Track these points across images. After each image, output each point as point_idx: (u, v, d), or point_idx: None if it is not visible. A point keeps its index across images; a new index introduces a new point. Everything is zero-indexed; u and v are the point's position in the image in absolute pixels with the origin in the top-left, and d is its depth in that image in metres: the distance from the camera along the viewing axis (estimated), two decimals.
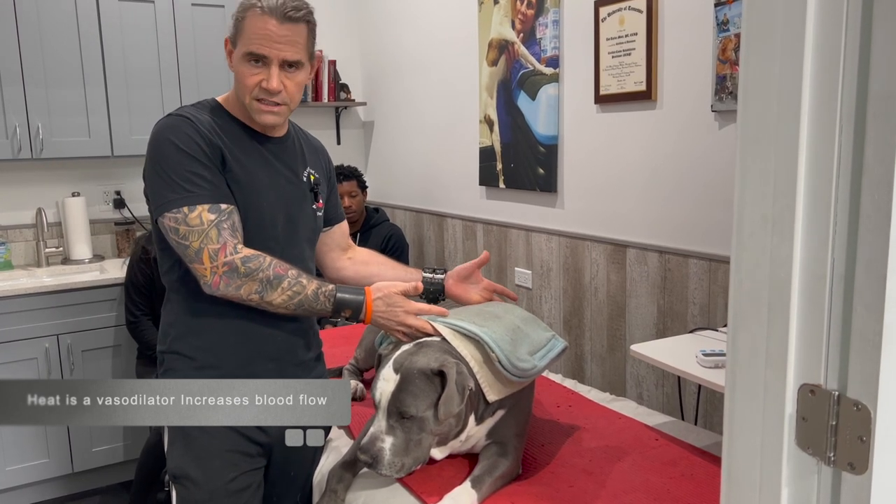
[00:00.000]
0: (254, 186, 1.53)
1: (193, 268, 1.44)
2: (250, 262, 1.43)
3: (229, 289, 1.43)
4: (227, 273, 1.41)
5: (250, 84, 1.50)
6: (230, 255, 1.41)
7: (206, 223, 1.41)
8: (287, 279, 1.45)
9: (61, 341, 3.12)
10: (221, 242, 1.42)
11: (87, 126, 3.30)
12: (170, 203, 1.42)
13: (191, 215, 1.41)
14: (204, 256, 1.41)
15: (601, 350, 2.79)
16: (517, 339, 1.63)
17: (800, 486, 0.92)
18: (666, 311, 2.50)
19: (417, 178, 3.90)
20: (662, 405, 2.52)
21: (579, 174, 2.81)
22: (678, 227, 2.43)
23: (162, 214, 1.43)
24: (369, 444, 1.46)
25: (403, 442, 1.46)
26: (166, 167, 1.43)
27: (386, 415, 1.48)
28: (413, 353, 1.53)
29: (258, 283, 1.43)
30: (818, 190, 0.86)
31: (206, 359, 1.54)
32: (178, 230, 1.42)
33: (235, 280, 1.42)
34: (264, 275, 1.43)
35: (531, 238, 3.10)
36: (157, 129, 1.48)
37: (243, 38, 1.50)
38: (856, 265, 0.83)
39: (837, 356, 0.86)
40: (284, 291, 1.45)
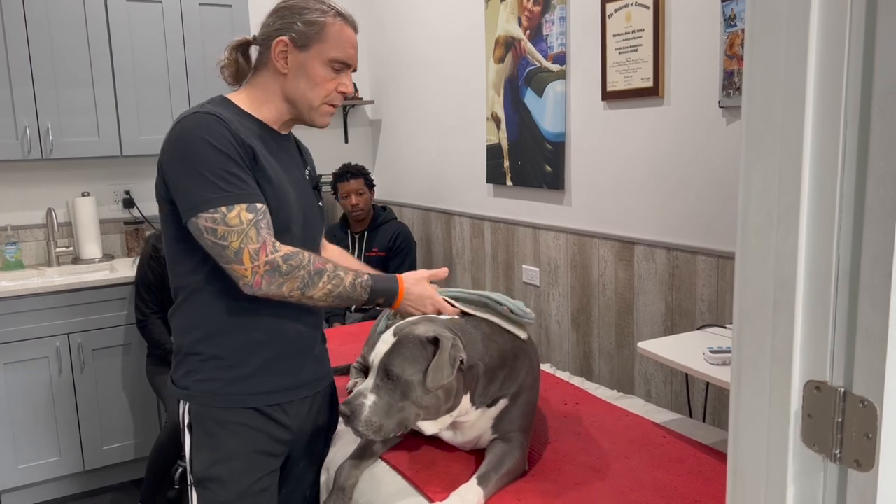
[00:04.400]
0: (281, 185, 1.52)
1: (231, 268, 1.41)
2: (291, 260, 1.42)
3: (271, 287, 1.42)
4: (268, 272, 1.40)
5: (329, 88, 1.54)
6: (271, 254, 1.40)
7: (245, 223, 1.39)
8: (326, 273, 1.46)
9: (72, 340, 3.14)
10: (261, 241, 1.40)
11: (96, 126, 3.32)
12: (207, 203, 1.39)
13: (229, 215, 1.38)
14: (244, 257, 1.39)
15: (609, 347, 2.79)
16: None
17: (805, 483, 0.92)
18: (674, 308, 2.49)
19: (425, 177, 3.90)
20: (671, 402, 2.52)
21: (587, 171, 2.81)
22: (686, 223, 2.42)
23: (196, 214, 1.40)
24: (352, 397, 1.48)
25: (386, 404, 1.47)
26: (201, 166, 1.39)
27: (375, 373, 1.50)
28: (415, 323, 1.56)
29: (300, 280, 1.43)
30: (823, 186, 0.86)
31: (236, 358, 1.52)
32: (215, 231, 1.39)
33: (277, 279, 1.41)
34: (305, 271, 1.43)
35: (539, 235, 3.09)
36: (185, 127, 1.43)
37: (326, 44, 1.52)
38: (861, 261, 0.83)
39: (843, 353, 0.86)
40: (325, 286, 1.45)
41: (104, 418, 3.26)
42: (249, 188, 1.43)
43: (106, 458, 3.28)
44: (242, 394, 1.53)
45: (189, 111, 1.47)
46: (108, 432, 3.27)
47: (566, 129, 2.85)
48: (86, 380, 3.20)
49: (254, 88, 1.57)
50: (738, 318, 1.02)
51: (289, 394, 1.60)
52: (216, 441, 1.52)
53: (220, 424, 1.52)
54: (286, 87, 1.54)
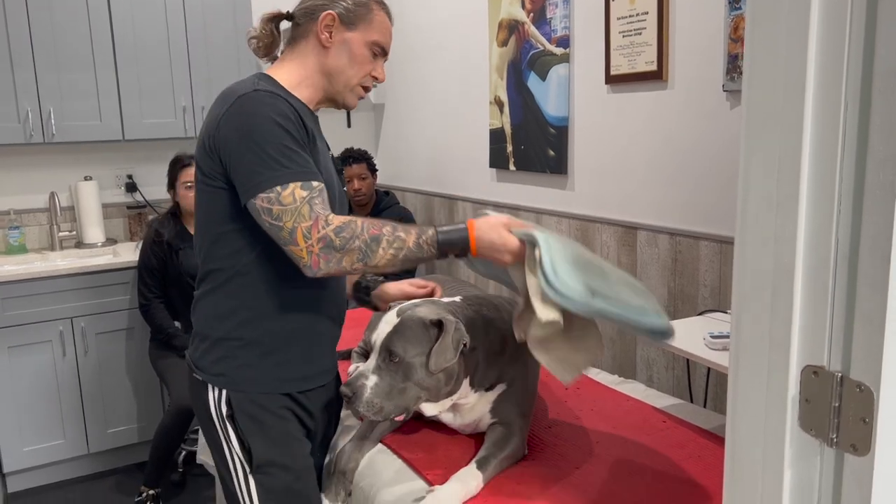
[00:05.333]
0: (327, 168, 1.51)
1: (290, 251, 1.36)
2: (344, 232, 1.35)
3: (330, 265, 1.36)
4: (323, 250, 1.34)
5: (367, 69, 1.55)
6: (322, 230, 1.34)
7: (298, 200, 1.34)
8: (385, 237, 1.38)
9: (75, 324, 3.16)
10: (313, 217, 1.35)
11: (98, 110, 3.32)
12: (262, 183, 1.35)
13: (283, 193, 1.34)
14: (298, 236, 1.34)
15: (612, 333, 2.79)
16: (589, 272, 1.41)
17: (802, 467, 0.92)
18: (677, 293, 2.49)
19: (428, 161, 3.89)
20: (672, 388, 2.52)
21: (590, 156, 2.80)
22: (689, 208, 2.42)
23: (255, 195, 1.36)
24: (353, 378, 1.48)
25: (387, 385, 1.48)
26: (265, 143, 1.35)
27: (377, 354, 1.50)
28: (418, 305, 1.56)
29: (357, 251, 1.36)
30: (823, 171, 0.85)
31: (276, 344, 1.50)
32: (271, 211, 1.35)
33: (334, 254, 1.35)
34: (360, 241, 1.35)
35: (542, 221, 3.09)
36: (248, 104, 1.39)
37: (373, 29, 1.54)
38: (860, 246, 0.82)
39: (841, 338, 0.85)
40: (386, 251, 1.37)
41: (108, 402, 3.28)
42: (308, 166, 1.39)
43: (110, 441, 3.30)
44: (280, 379, 1.51)
45: (244, 89, 1.42)
46: (112, 415, 3.29)
47: (569, 113, 2.84)
48: (89, 363, 3.22)
49: (292, 63, 1.54)
50: (736, 303, 1.02)
51: (315, 380, 1.58)
52: (266, 426, 1.50)
53: (264, 409, 1.50)
54: (327, 62, 1.52)
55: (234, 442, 1.51)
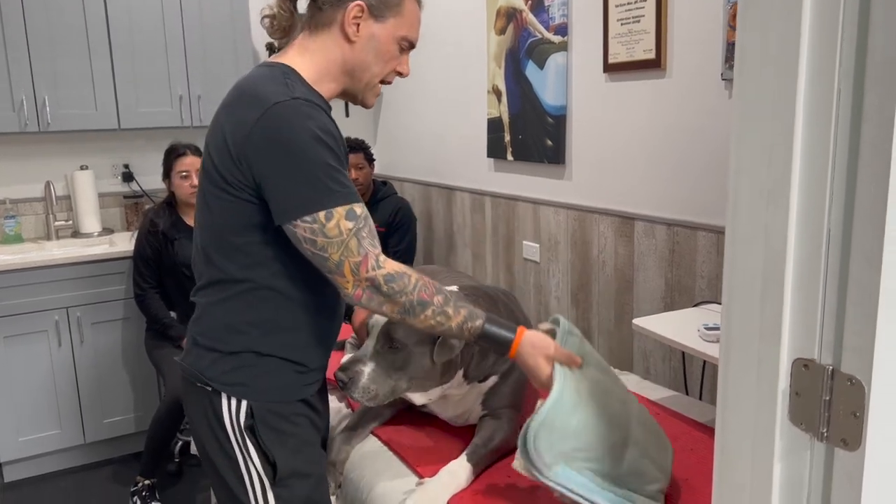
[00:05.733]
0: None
1: (334, 279, 1.30)
2: (394, 283, 1.29)
3: (371, 303, 1.31)
4: (369, 288, 1.29)
5: (393, 65, 1.45)
6: (372, 271, 1.27)
7: (344, 233, 1.25)
8: (432, 307, 1.33)
9: (71, 314, 3.15)
10: (362, 254, 1.26)
11: (93, 98, 3.30)
12: (303, 206, 1.25)
13: (328, 224, 1.24)
14: (346, 269, 1.27)
15: (608, 324, 2.77)
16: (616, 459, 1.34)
17: (792, 461, 0.91)
18: (674, 284, 2.47)
19: (426, 151, 3.87)
20: (669, 380, 2.51)
21: (587, 145, 2.77)
22: (687, 198, 2.39)
23: (294, 220, 1.26)
24: (350, 363, 1.46)
25: (384, 371, 1.47)
26: (305, 161, 1.24)
27: (375, 340, 1.48)
28: None
29: (400, 306, 1.31)
30: (815, 159, 0.83)
31: (299, 354, 1.42)
32: (315, 242, 1.26)
33: (377, 297, 1.29)
34: (407, 299, 1.30)
35: (539, 211, 3.07)
36: (290, 117, 1.26)
37: (403, 22, 1.41)
38: (852, 237, 0.81)
39: (832, 330, 0.84)
40: (427, 320, 1.33)
41: (104, 392, 3.27)
42: (350, 187, 1.29)
43: (106, 431, 3.30)
44: (297, 385, 1.44)
45: (279, 94, 1.28)
46: (108, 405, 3.29)
47: (567, 102, 2.81)
48: (85, 353, 3.21)
49: (314, 56, 1.39)
50: (727, 295, 1.00)
51: (320, 380, 1.52)
52: (285, 436, 1.42)
53: (282, 418, 1.42)
54: (351, 57, 1.39)
55: (254, 455, 1.40)
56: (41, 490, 3.12)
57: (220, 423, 1.39)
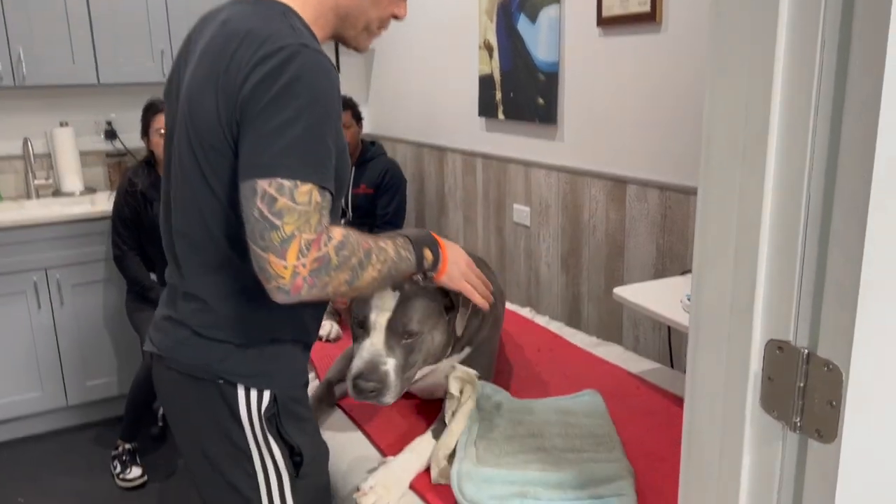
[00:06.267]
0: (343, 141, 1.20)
1: (267, 259, 1.06)
2: (344, 249, 1.11)
3: (313, 291, 1.09)
4: (315, 272, 1.08)
5: (390, 10, 1.32)
6: (324, 247, 1.09)
7: (313, 205, 1.07)
8: (374, 252, 1.17)
9: (50, 275, 3.08)
10: (318, 232, 1.08)
11: (70, 52, 3.18)
12: (292, 169, 1.06)
13: (301, 189, 1.06)
14: (291, 249, 1.05)
15: (598, 291, 2.68)
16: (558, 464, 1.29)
17: (763, 452, 0.83)
18: (665, 250, 2.37)
19: (418, 110, 3.74)
20: (658, 349, 2.42)
21: (580, 104, 2.65)
22: (680, 160, 2.28)
23: (268, 176, 1.06)
24: (371, 367, 1.31)
25: (403, 363, 1.37)
26: (306, 123, 1.07)
27: (385, 334, 1.35)
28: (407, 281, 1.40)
29: (350, 270, 1.13)
30: (794, 117, 0.74)
31: (306, 334, 1.32)
32: (275, 202, 1.05)
33: (323, 277, 1.09)
34: (357, 259, 1.13)
35: (530, 173, 2.96)
36: (306, 68, 1.09)
37: None
38: (834, 204, 0.71)
39: (809, 309, 0.75)
40: (374, 266, 1.16)
41: (86, 354, 3.22)
42: (331, 170, 1.12)
43: (89, 393, 3.25)
44: (304, 369, 1.34)
45: (285, 37, 1.11)
46: (90, 368, 3.23)
47: (560, 58, 2.68)
48: (66, 315, 3.14)
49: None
50: (697, 265, 0.91)
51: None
52: (303, 422, 1.31)
53: (299, 403, 1.32)
54: (345, 2, 1.25)
55: (275, 448, 1.27)
56: (23, 453, 3.09)
57: (235, 417, 1.23)
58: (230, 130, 1.12)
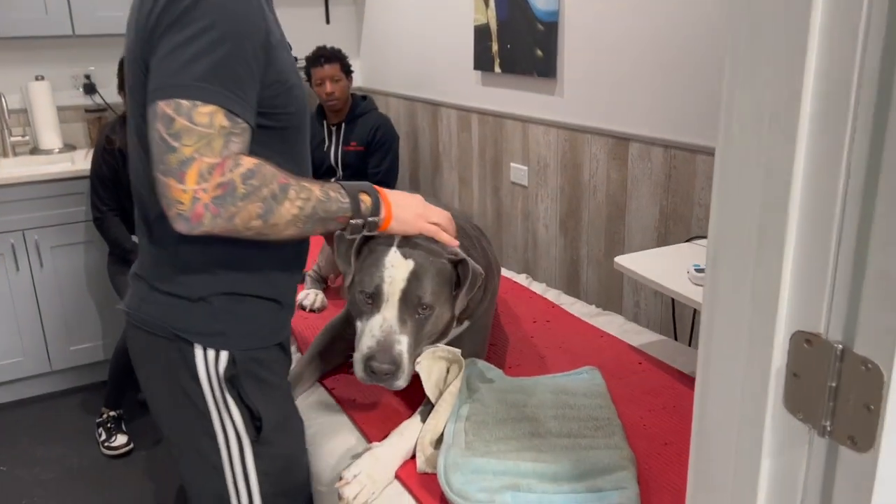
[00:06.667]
0: (293, 72, 1.14)
1: (166, 184, 1.00)
2: (253, 179, 1.03)
3: (216, 222, 1.01)
4: (217, 200, 1.00)
5: None
6: (228, 173, 1.01)
7: (215, 127, 1.00)
8: (292, 187, 1.08)
9: (28, 237, 2.96)
10: (223, 157, 1.01)
11: (42, 1, 3.00)
12: (182, 88, 1.00)
13: (200, 110, 1.00)
14: (190, 172, 0.98)
15: (598, 254, 2.57)
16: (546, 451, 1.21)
17: (785, 458, 0.73)
18: (669, 213, 2.25)
19: (411, 62, 3.58)
20: (660, 318, 2.32)
21: (581, 56, 2.50)
22: (687, 117, 2.15)
23: (168, 98, 1.00)
24: (385, 347, 1.19)
25: (415, 341, 1.25)
26: (210, 43, 1.01)
27: (398, 307, 1.23)
28: (417, 241, 1.29)
29: (261, 202, 1.04)
30: (835, 68, 0.62)
31: (271, 289, 1.24)
32: (172, 122, 0.99)
33: (229, 207, 1.01)
34: (269, 190, 1.04)
35: (528, 130, 2.82)
36: None
37: None
38: (879, 178, 0.60)
39: (845, 299, 0.65)
40: (293, 203, 1.07)
41: (69, 318, 3.12)
42: (248, 100, 1.06)
43: (73, 358, 3.16)
44: (275, 329, 1.27)
45: None
46: (74, 332, 3.14)
47: (560, 6, 2.52)
48: (46, 278, 3.04)
49: None
50: (713, 245, 0.80)
51: (291, 318, 1.34)
52: (268, 386, 1.25)
53: (264, 366, 1.25)
54: None
55: (234, 410, 1.21)
56: (7, 418, 3.02)
57: (194, 377, 1.19)
58: (143, 69, 1.07)
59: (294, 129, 1.17)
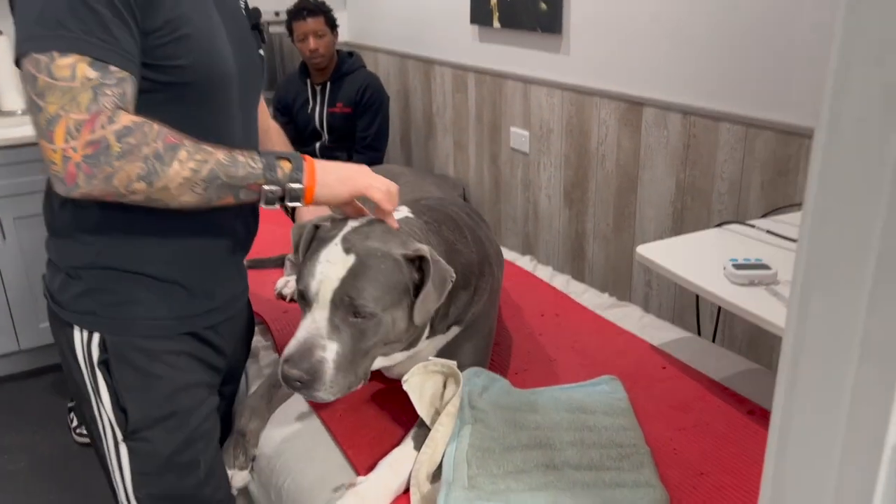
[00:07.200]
0: (207, 28, 1.05)
1: (41, 146, 0.95)
2: (130, 136, 0.94)
3: (93, 183, 0.94)
4: (89, 159, 0.92)
5: None
6: (101, 129, 0.93)
7: (78, 79, 0.93)
8: (184, 148, 0.98)
9: None
10: (92, 113, 0.93)
11: None
12: (35, 41, 0.93)
13: (59, 62, 0.92)
14: (58, 131, 0.92)
15: (605, 230, 2.37)
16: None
17: None
18: (686, 186, 2.04)
19: (403, 15, 3.31)
20: (674, 303, 2.13)
21: (590, 9, 2.26)
22: (710, 80, 1.93)
23: (26, 53, 0.93)
24: (304, 352, 1.02)
25: (350, 351, 1.05)
26: None
27: (329, 310, 1.05)
28: (370, 233, 1.10)
29: (142, 162, 0.94)
30: None
31: (164, 269, 1.11)
32: (35, 81, 0.92)
33: (103, 166, 0.93)
34: (150, 150, 0.95)
35: (530, 92, 2.59)
36: None
37: None
38: None
39: None
40: (185, 164, 0.97)
41: (38, 294, 2.91)
42: (113, 42, 0.95)
43: (42, 336, 2.95)
44: (180, 317, 1.14)
45: None
46: (42, 309, 2.89)
47: None
48: (9, 252, 2.82)
49: None
50: (802, 272, 0.58)
51: (225, 310, 1.21)
52: (150, 379, 1.13)
53: (151, 357, 1.13)
54: None
55: (105, 398, 1.14)
56: None
57: (74, 356, 1.14)
58: None
59: (197, 89, 1.06)
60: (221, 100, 1.10)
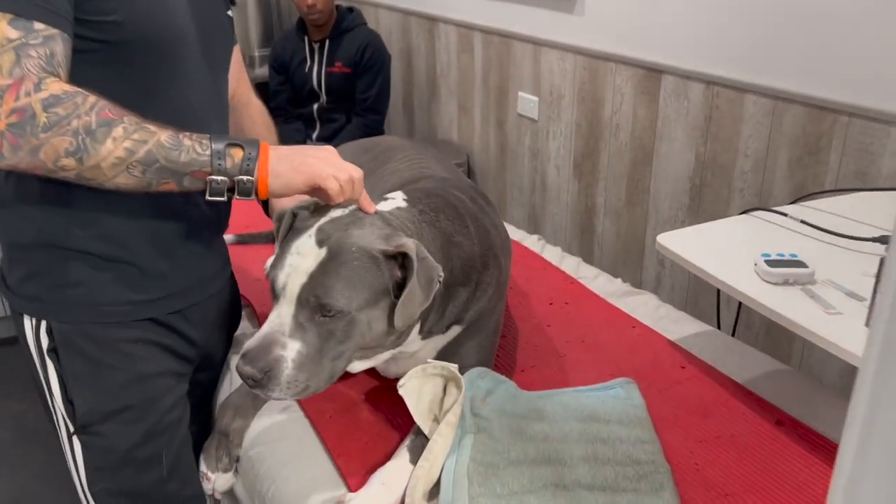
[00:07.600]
0: None
1: None
2: (58, 106, 0.86)
3: (20, 154, 0.86)
4: (13, 127, 0.84)
5: None
6: (24, 97, 0.85)
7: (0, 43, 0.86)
8: (122, 125, 0.89)
9: None
10: (16, 77, 0.85)
11: None
12: None
13: None
14: None
15: (617, 204, 2.25)
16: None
17: None
18: (707, 161, 1.92)
19: None
20: (688, 284, 2.02)
21: None
22: (737, 47, 1.79)
23: None
24: (262, 349, 0.94)
25: (316, 352, 0.94)
26: None
27: (295, 306, 0.95)
28: (350, 224, 0.99)
29: (71, 136, 0.86)
30: None
31: (115, 250, 1.04)
32: None
33: (29, 137, 0.85)
34: (81, 123, 0.87)
35: (540, 55, 2.44)
36: None
37: None
38: None
39: None
40: (120, 143, 0.89)
41: None
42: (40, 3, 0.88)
43: None
44: (129, 301, 1.06)
45: None
46: None
47: None
48: None
49: None
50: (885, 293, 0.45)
51: (189, 295, 1.13)
52: (102, 369, 1.07)
53: (103, 345, 1.06)
54: None
55: (56, 388, 1.08)
56: None
57: (26, 342, 1.08)
58: None
59: (140, 50, 0.97)
60: (172, 63, 1.01)
